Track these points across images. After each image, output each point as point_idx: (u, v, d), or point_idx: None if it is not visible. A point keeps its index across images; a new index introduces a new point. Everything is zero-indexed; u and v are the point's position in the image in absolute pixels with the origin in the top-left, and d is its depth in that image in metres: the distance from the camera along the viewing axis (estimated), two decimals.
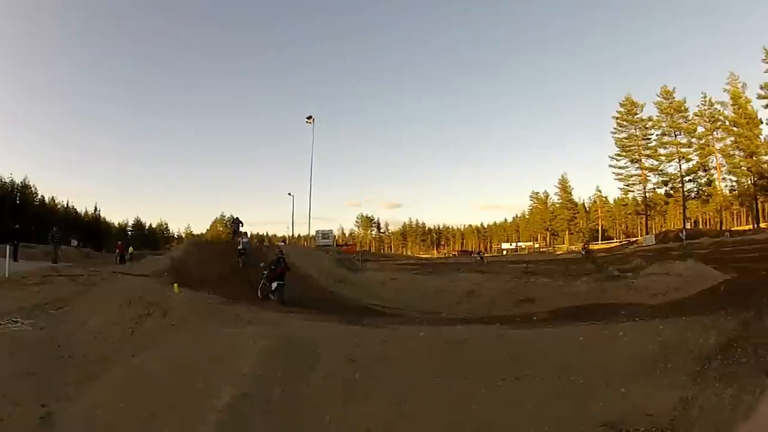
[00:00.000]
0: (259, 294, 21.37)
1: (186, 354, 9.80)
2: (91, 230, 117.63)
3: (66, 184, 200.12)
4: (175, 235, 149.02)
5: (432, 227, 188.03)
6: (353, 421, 7.06)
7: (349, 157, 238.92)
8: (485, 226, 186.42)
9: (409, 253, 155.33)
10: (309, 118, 75.43)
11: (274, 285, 20.51)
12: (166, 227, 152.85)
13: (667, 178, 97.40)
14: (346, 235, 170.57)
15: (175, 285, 16.98)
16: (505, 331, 9.90)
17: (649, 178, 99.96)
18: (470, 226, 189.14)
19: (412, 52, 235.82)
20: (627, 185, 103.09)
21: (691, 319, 8.11)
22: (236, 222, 43.85)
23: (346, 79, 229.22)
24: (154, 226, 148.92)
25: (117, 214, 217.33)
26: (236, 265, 30.87)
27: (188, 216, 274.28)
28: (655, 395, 6.29)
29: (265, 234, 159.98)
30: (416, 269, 39.72)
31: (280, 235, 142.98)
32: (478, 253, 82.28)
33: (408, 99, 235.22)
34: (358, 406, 7.33)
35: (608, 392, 6.57)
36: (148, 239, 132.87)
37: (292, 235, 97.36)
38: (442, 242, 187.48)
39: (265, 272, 21.61)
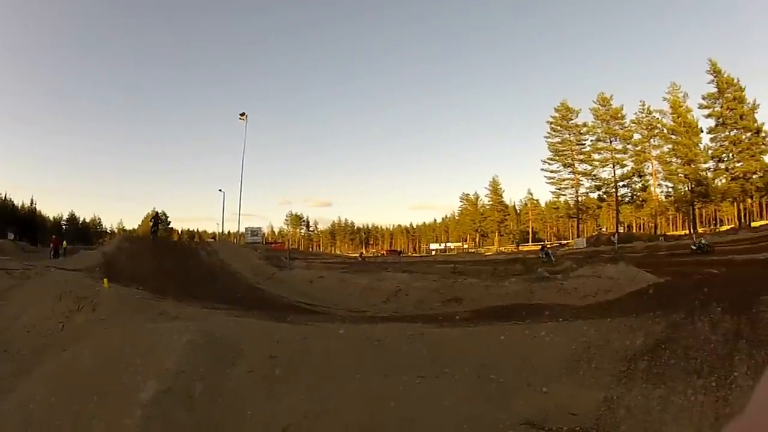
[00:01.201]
0: None
1: (114, 348, 9.65)
2: (27, 224, 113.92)
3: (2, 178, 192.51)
4: (108, 230, 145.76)
5: (361, 226, 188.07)
6: (273, 416, 7.16)
7: (280, 155, 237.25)
8: (414, 227, 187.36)
9: (337, 252, 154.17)
10: (242, 114, 75.64)
11: None
12: (100, 222, 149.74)
13: (601, 183, 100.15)
14: (276, 233, 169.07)
15: (105, 280, 16.93)
16: (426, 329, 10.09)
17: (581, 182, 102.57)
18: (399, 226, 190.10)
19: (345, 49, 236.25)
20: (559, 189, 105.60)
21: (616, 320, 8.36)
22: (156, 218, 43.36)
23: (279, 75, 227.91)
24: (87, 220, 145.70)
25: (53, 208, 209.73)
26: (166, 261, 30.85)
27: (121, 211, 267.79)
28: (578, 395, 6.49)
29: (196, 230, 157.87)
30: (344, 268, 39.54)
31: (210, 231, 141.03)
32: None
33: (340, 97, 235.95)
34: (279, 402, 7.43)
35: (529, 391, 6.72)
36: (82, 234, 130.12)
37: (222, 232, 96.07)
38: (371, 242, 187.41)
39: None
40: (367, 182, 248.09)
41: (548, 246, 40.85)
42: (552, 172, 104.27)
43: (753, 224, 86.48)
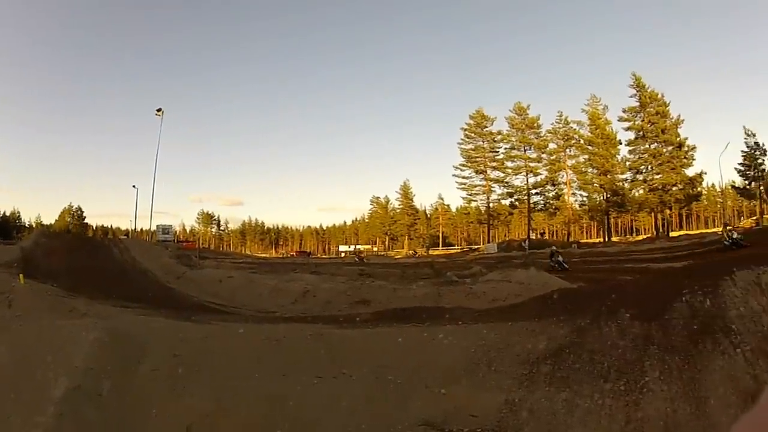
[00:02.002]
0: None
1: (29, 345, 9.46)
2: None
3: None
4: (27, 225, 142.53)
5: (271, 227, 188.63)
6: (177, 415, 7.26)
7: (193, 151, 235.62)
8: (324, 228, 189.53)
9: (248, 252, 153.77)
10: (158, 110, 74.97)
11: None
12: (19, 216, 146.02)
13: (513, 190, 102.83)
14: (187, 231, 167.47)
15: (21, 276, 17.44)
16: (325, 330, 10.05)
17: (493, 189, 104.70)
18: (309, 227, 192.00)
19: (258, 48, 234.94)
20: (470, 195, 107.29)
21: (518, 324, 8.45)
22: None
23: (193, 71, 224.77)
24: (7, 214, 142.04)
25: None
26: (80, 258, 30.65)
27: (39, 205, 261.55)
28: (478, 397, 6.52)
29: (110, 227, 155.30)
30: (253, 268, 39.37)
31: (123, 228, 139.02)
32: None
33: (251, 95, 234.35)
34: (182, 400, 7.54)
35: (427, 393, 6.78)
36: (2, 228, 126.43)
37: (135, 229, 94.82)
38: (281, 242, 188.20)
39: None
40: (277, 182, 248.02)
41: (556, 249, 38.27)
42: (464, 178, 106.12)
43: (671, 234, 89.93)
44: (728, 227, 44.38)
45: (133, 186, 77.31)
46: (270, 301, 22.22)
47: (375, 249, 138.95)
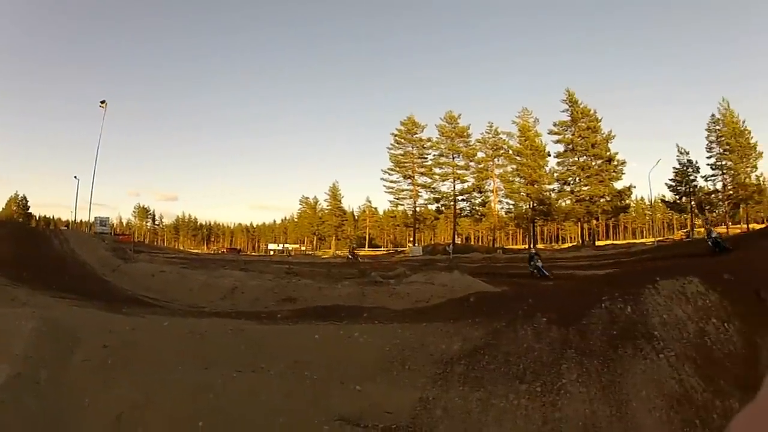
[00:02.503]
0: None
1: None
2: None
3: None
4: None
5: (204, 223, 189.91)
6: (107, 405, 7.24)
7: (134, 145, 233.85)
8: (254, 226, 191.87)
9: (180, 247, 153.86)
10: (102, 102, 74.04)
11: None
12: None
13: (440, 196, 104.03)
14: (124, 224, 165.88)
15: None
16: (246, 325, 10.20)
17: (420, 194, 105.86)
18: (240, 224, 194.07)
19: (197, 44, 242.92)
20: (397, 198, 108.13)
21: (433, 324, 8.56)
22: None
23: (137, 64, 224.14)
24: None
25: None
26: (24, 248, 30.66)
27: None
28: (392, 394, 6.60)
29: (51, 217, 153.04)
30: (185, 263, 39.03)
31: (65, 219, 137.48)
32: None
33: (187, 90, 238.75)
34: (112, 390, 7.51)
35: (343, 389, 6.84)
36: None
37: (75, 220, 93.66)
38: (213, 239, 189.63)
39: None
40: (211, 179, 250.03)
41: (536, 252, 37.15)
42: (392, 182, 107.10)
43: (598, 243, 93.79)
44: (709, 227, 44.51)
45: (75, 177, 76.32)
46: (200, 297, 22.20)
47: (303, 248, 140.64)
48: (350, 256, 64.54)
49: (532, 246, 43.69)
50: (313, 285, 22.60)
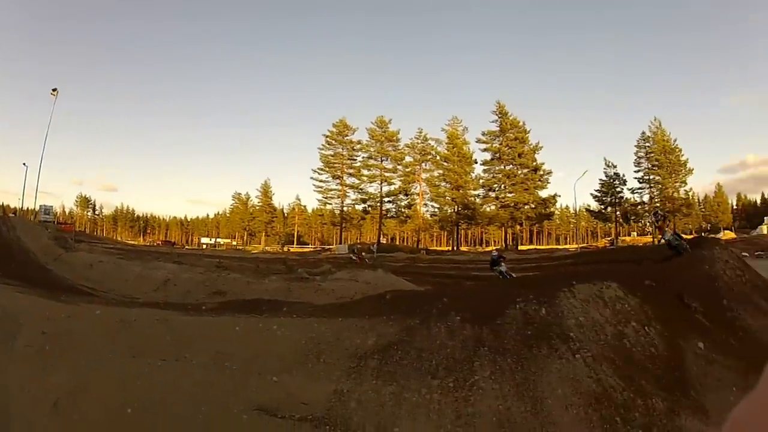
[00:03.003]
0: None
1: None
2: None
3: None
4: None
5: (141, 215, 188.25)
6: (46, 390, 7.33)
7: (79, 134, 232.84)
8: (189, 219, 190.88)
9: (119, 238, 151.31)
10: (54, 90, 73.81)
11: None
12: None
13: (367, 197, 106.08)
14: (66, 213, 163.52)
15: None
16: (171, 315, 10.06)
17: (348, 194, 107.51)
18: (175, 217, 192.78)
19: (138, 36, 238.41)
20: (326, 197, 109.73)
21: (349, 320, 8.66)
22: None
23: (84, 55, 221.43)
24: None
25: None
26: None
27: None
28: (308, 386, 6.77)
29: (1, 204, 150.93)
30: (122, 254, 38.63)
31: (12, 205, 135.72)
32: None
33: (132, 81, 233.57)
34: (49, 377, 7.61)
35: (261, 380, 6.99)
36: None
37: (22, 208, 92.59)
38: (149, 231, 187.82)
39: None
40: (149, 170, 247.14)
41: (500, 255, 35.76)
42: (321, 181, 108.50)
43: (520, 248, 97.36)
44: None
45: (23, 164, 75.75)
46: (135, 288, 22.21)
47: (234, 243, 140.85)
48: (356, 257, 54.61)
49: (496, 249, 43.39)
50: (241, 279, 22.63)
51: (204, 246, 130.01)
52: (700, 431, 6.37)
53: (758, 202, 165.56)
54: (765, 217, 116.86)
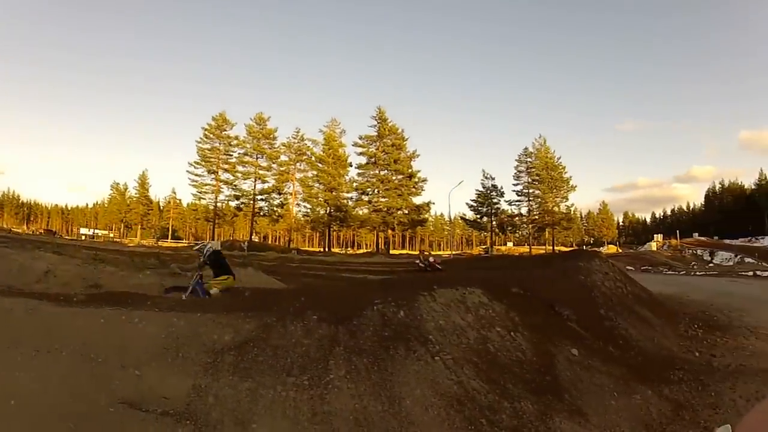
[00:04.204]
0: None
1: None
2: None
3: None
4: None
5: (25, 201, 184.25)
6: None
7: None
8: (69, 208, 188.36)
9: (4, 225, 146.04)
10: None
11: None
12: None
13: (240, 194, 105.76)
14: None
15: None
16: (43, 306, 9.44)
17: (222, 189, 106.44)
18: (57, 206, 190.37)
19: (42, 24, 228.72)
20: (200, 192, 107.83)
21: (206, 315, 8.61)
22: None
23: None
24: None
25: None
26: None
27: None
28: (168, 380, 6.76)
29: None
30: (6, 243, 37.49)
31: None
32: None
33: (23, 62, 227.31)
34: None
35: (125, 373, 6.90)
36: None
37: None
38: (32, 218, 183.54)
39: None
40: (34, 154, 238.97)
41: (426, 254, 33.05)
42: (196, 176, 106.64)
43: (392, 251, 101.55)
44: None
45: None
46: (18, 278, 21.23)
47: (111, 235, 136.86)
48: (424, 263, 38.70)
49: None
50: (117, 273, 22.22)
51: (83, 237, 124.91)
52: None
53: (648, 220, 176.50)
54: (653, 235, 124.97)
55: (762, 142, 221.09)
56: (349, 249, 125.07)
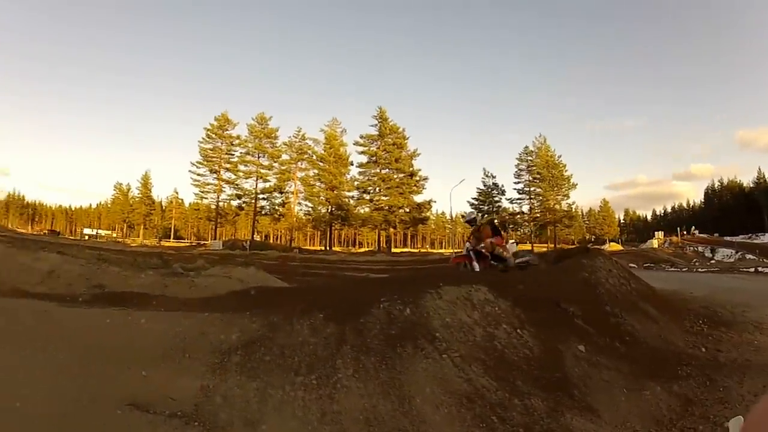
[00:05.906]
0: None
1: None
2: None
3: None
4: None
5: (30, 202, 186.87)
6: None
7: None
8: (73, 209, 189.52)
9: (10, 226, 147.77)
10: None
11: None
12: None
13: (242, 193, 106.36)
14: None
15: None
16: (50, 306, 9.37)
17: (224, 189, 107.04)
18: (61, 206, 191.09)
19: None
20: (202, 192, 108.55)
21: (213, 315, 8.59)
22: None
23: None
24: None
25: None
26: None
27: None
28: (176, 381, 6.61)
29: None
30: (12, 243, 37.35)
31: None
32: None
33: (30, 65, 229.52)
34: None
35: (131, 374, 6.70)
36: None
37: None
38: (37, 219, 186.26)
39: None
40: (41, 156, 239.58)
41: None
42: (199, 175, 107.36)
43: (394, 250, 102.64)
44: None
45: None
46: (20, 278, 21.16)
47: (114, 235, 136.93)
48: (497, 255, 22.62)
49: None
50: (120, 273, 22.16)
51: (86, 237, 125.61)
52: (590, 430, 6.49)
53: (648, 217, 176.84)
54: (655, 232, 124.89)
55: (759, 141, 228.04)
56: (350, 248, 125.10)
